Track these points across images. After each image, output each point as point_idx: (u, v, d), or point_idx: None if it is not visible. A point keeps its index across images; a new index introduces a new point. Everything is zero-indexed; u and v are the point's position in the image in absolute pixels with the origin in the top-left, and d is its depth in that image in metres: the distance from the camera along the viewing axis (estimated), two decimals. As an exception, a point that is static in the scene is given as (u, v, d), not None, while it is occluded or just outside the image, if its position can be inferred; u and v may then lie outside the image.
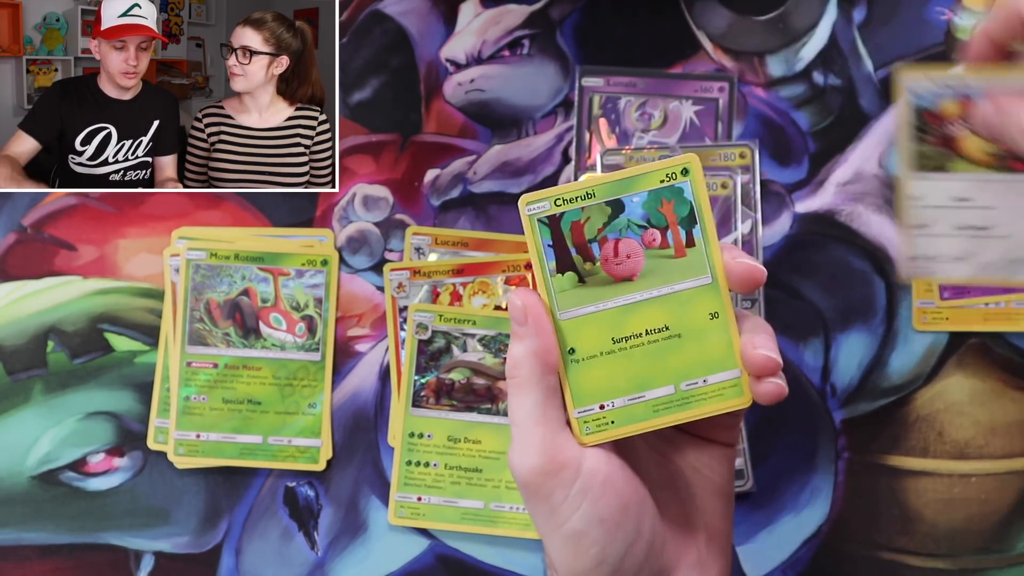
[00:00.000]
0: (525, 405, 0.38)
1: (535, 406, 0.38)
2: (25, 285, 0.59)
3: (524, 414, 0.38)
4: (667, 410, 0.39)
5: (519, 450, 0.38)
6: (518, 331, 0.39)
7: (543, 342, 0.38)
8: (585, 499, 0.37)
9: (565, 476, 0.37)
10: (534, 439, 0.38)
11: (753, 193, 0.58)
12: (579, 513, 0.37)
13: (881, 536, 0.56)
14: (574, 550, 0.38)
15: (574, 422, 0.39)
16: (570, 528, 0.37)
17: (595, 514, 0.37)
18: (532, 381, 0.38)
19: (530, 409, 0.38)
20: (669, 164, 0.39)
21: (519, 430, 0.38)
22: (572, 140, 0.59)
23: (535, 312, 0.38)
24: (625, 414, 0.39)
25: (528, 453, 0.38)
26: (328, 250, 0.59)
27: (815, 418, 0.57)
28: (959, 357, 0.58)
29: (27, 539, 0.57)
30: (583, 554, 0.38)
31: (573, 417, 0.39)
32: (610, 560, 0.38)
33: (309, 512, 0.57)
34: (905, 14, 0.60)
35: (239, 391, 0.58)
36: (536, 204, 0.39)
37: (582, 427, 0.39)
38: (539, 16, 0.61)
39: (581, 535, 0.37)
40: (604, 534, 0.37)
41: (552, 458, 0.37)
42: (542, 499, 0.38)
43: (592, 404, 0.39)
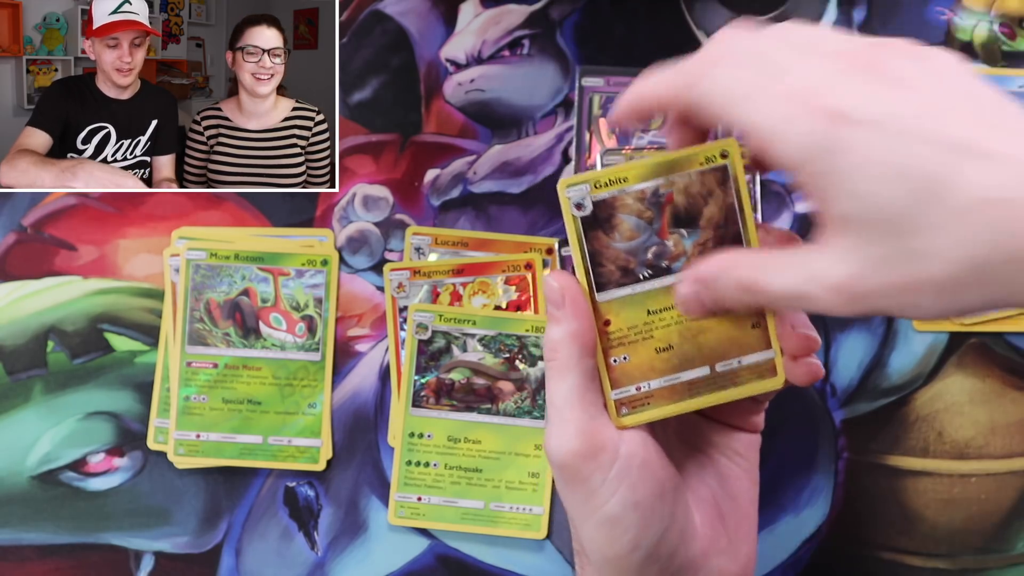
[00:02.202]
0: (563, 388, 0.38)
1: (573, 389, 0.38)
2: (25, 285, 0.59)
3: (562, 397, 0.38)
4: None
5: (557, 433, 0.38)
6: (555, 314, 0.38)
7: (581, 324, 0.38)
8: (622, 483, 0.37)
9: (603, 459, 0.37)
10: (572, 422, 0.38)
11: (753, 193, 0.58)
12: (616, 497, 0.37)
13: (881, 536, 0.56)
14: (609, 535, 0.38)
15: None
16: (606, 513, 0.37)
17: (632, 499, 0.37)
18: (570, 364, 0.38)
19: (568, 392, 0.38)
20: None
21: (557, 413, 0.38)
22: (572, 140, 0.59)
23: (572, 294, 0.38)
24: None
25: (566, 436, 0.37)
26: (328, 250, 0.58)
27: (815, 418, 0.57)
28: (959, 357, 0.58)
29: (27, 539, 0.57)
30: (618, 539, 0.38)
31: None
32: (644, 545, 0.38)
33: (309, 512, 0.57)
34: (905, 14, 0.60)
35: (239, 391, 0.58)
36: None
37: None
38: (539, 16, 0.61)
39: (617, 520, 0.37)
40: (640, 519, 0.37)
41: (591, 441, 0.37)
42: (579, 483, 0.37)
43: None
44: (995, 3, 0.60)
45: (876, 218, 0.31)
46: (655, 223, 0.39)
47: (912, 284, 0.31)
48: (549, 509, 0.56)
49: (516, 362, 0.56)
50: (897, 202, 0.30)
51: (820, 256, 0.33)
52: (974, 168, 0.29)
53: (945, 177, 0.29)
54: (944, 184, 0.29)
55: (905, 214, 0.30)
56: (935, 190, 0.29)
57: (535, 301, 0.57)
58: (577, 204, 0.39)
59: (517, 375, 0.56)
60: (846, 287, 0.32)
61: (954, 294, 0.30)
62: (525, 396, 0.56)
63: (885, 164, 0.30)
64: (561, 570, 0.56)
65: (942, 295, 0.30)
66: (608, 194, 0.39)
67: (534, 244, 0.58)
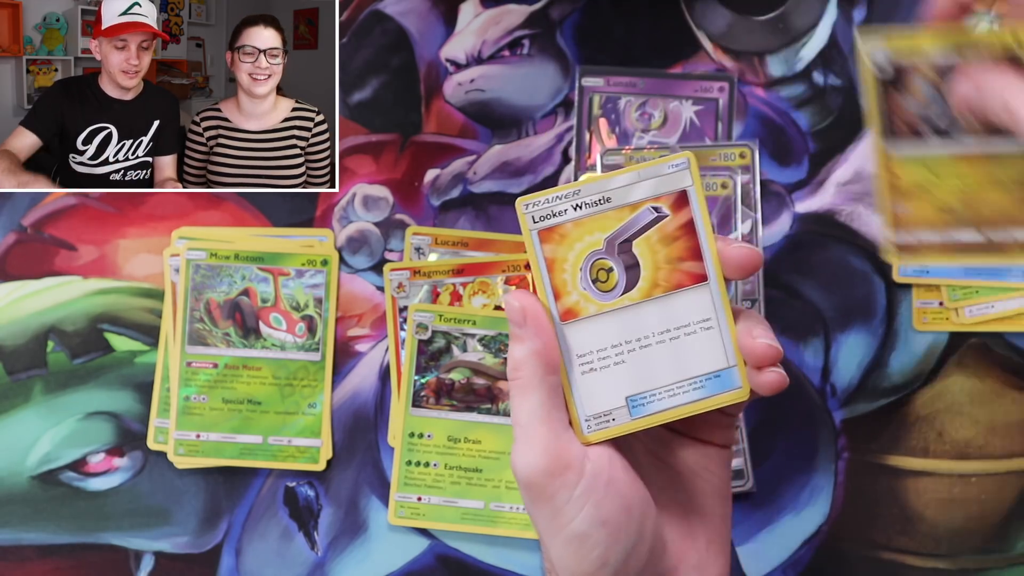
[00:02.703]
0: (528, 405, 0.38)
1: (538, 406, 0.38)
2: (25, 285, 0.59)
3: (527, 415, 0.38)
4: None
5: (522, 451, 0.38)
6: (517, 333, 0.39)
7: (543, 342, 0.38)
8: (588, 500, 0.37)
9: (569, 477, 0.37)
10: (538, 439, 0.38)
11: (753, 193, 0.58)
12: (582, 515, 0.37)
13: (881, 536, 0.56)
14: (577, 552, 0.38)
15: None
16: (573, 530, 0.37)
17: (598, 516, 0.37)
18: (534, 382, 0.38)
19: (533, 409, 0.38)
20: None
21: (522, 431, 0.38)
22: (572, 140, 0.59)
23: (533, 313, 0.38)
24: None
25: (532, 453, 0.37)
26: (328, 250, 0.59)
27: (815, 418, 0.57)
28: (959, 357, 0.58)
29: (27, 539, 0.57)
30: (586, 557, 0.37)
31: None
32: (612, 562, 0.38)
33: (309, 512, 0.57)
34: (905, 14, 0.60)
35: (239, 391, 0.58)
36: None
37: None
38: (539, 16, 0.61)
39: (584, 537, 0.37)
40: (607, 536, 0.37)
41: (556, 458, 0.37)
42: (545, 500, 0.37)
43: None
44: (995, 3, 0.60)
45: None
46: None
47: None
48: (549, 509, 0.56)
49: (516, 362, 0.56)
50: None
51: None
52: None
53: None
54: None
55: None
56: None
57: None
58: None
59: (517, 375, 0.56)
60: None
61: None
62: (525, 396, 0.56)
63: None
64: (561, 570, 0.56)
65: None
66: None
67: (534, 244, 0.58)
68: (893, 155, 0.39)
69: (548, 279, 0.39)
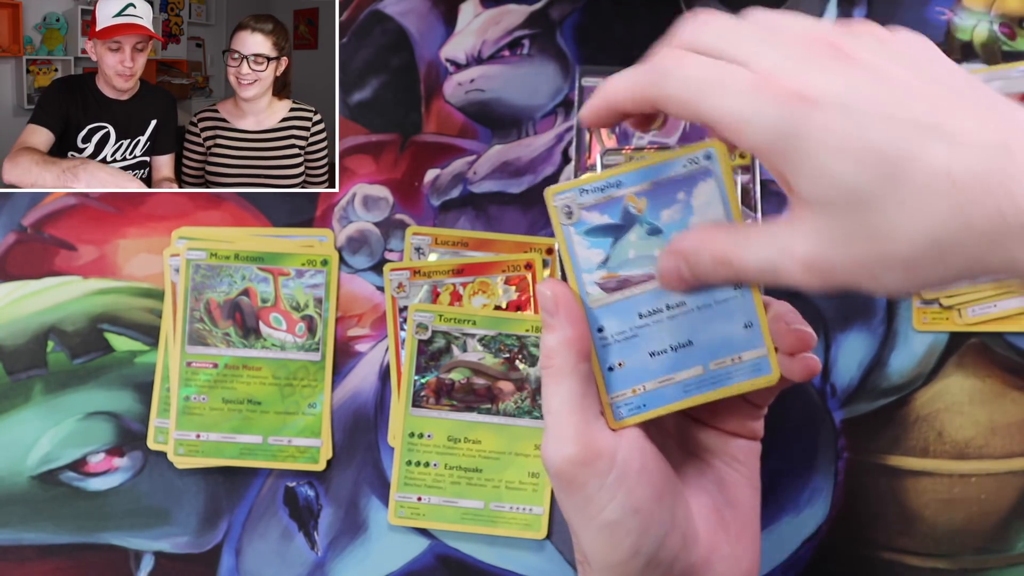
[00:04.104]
0: (560, 394, 0.38)
1: (570, 395, 0.38)
2: (25, 285, 0.59)
3: (559, 403, 0.38)
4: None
5: (554, 440, 0.38)
6: (550, 321, 0.39)
7: (575, 330, 0.38)
8: (620, 489, 0.37)
9: (600, 465, 0.37)
10: (569, 428, 0.37)
11: (753, 193, 0.58)
12: (614, 503, 0.37)
13: (881, 536, 0.56)
14: (609, 541, 0.37)
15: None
16: (605, 518, 0.37)
17: (630, 504, 0.37)
18: (566, 370, 0.38)
19: (565, 398, 0.38)
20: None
21: (554, 419, 0.38)
22: (572, 140, 0.59)
23: (565, 301, 0.38)
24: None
25: (563, 442, 0.37)
26: (328, 250, 0.59)
27: (815, 418, 0.57)
28: (959, 357, 0.58)
29: (27, 539, 0.57)
30: (618, 545, 0.37)
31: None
32: (645, 551, 0.37)
33: (309, 512, 0.57)
34: (905, 14, 0.60)
35: (239, 391, 0.58)
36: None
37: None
38: (539, 16, 0.61)
39: (616, 525, 0.37)
40: (639, 524, 0.37)
41: (588, 446, 0.37)
42: (576, 489, 0.37)
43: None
44: (995, 3, 0.60)
45: (840, 197, 0.31)
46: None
47: (876, 260, 0.31)
48: (549, 509, 0.56)
49: (516, 362, 0.56)
50: (859, 180, 0.30)
51: (790, 231, 0.33)
52: (937, 147, 0.30)
53: (908, 156, 0.30)
54: (907, 163, 0.30)
55: (868, 192, 0.30)
56: (898, 169, 0.30)
57: (535, 301, 0.57)
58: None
59: (517, 375, 0.56)
60: (813, 262, 0.32)
61: (918, 270, 0.31)
62: (525, 396, 0.56)
63: (847, 144, 0.30)
64: (561, 570, 0.56)
65: (906, 271, 0.31)
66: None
67: (534, 244, 0.58)
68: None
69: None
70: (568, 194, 0.39)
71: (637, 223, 0.39)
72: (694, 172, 0.39)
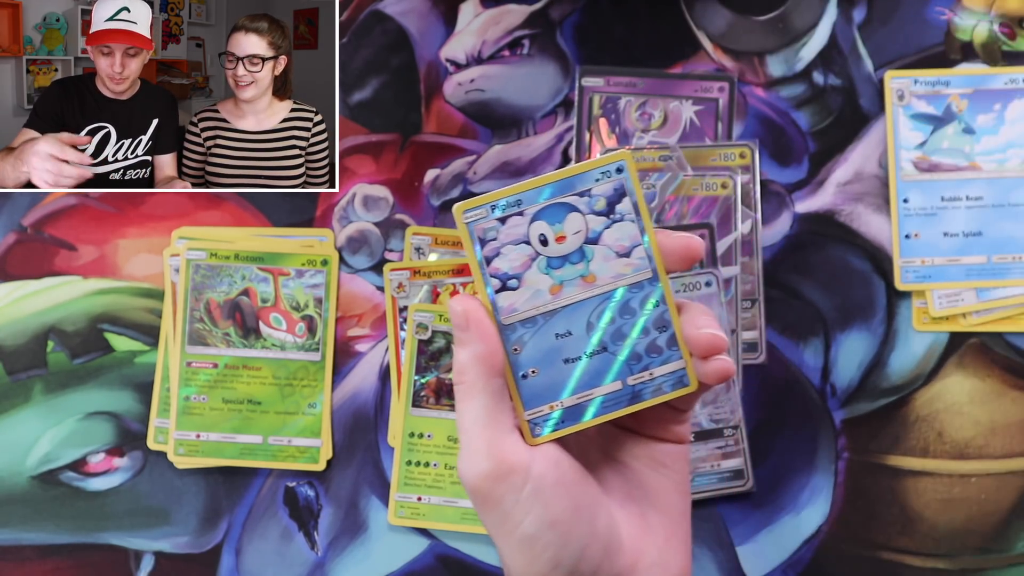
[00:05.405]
0: (472, 410, 0.38)
1: (482, 411, 0.38)
2: (25, 285, 0.59)
3: (471, 419, 0.38)
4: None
5: (468, 456, 0.38)
6: (461, 337, 0.38)
7: (486, 346, 0.38)
8: (536, 502, 0.37)
9: (515, 480, 0.37)
10: (482, 444, 0.37)
11: (753, 193, 0.58)
12: (531, 517, 0.37)
13: (881, 536, 0.56)
14: (528, 555, 0.37)
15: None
16: (522, 533, 0.37)
17: (547, 517, 0.37)
18: (478, 386, 0.38)
19: (477, 414, 0.38)
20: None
21: (467, 436, 0.38)
22: (572, 140, 0.60)
23: (476, 317, 0.38)
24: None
25: (476, 458, 0.37)
26: (328, 250, 0.59)
27: (815, 418, 0.57)
28: (959, 357, 0.58)
29: (27, 539, 0.57)
30: (537, 558, 0.37)
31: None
32: (565, 563, 0.37)
33: (309, 512, 0.57)
34: (905, 14, 0.60)
35: (239, 391, 0.58)
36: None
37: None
38: (539, 16, 0.61)
39: (534, 539, 0.37)
40: (558, 537, 0.37)
41: (501, 462, 0.37)
42: (492, 505, 0.37)
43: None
44: (995, 3, 0.60)
45: None
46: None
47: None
48: (549, 509, 0.56)
49: (516, 362, 0.56)
50: None
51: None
52: None
53: None
54: None
55: None
56: None
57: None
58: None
59: (517, 375, 0.56)
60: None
61: None
62: (525, 396, 0.56)
63: None
64: (561, 570, 0.56)
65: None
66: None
67: (534, 244, 0.58)
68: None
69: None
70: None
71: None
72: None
